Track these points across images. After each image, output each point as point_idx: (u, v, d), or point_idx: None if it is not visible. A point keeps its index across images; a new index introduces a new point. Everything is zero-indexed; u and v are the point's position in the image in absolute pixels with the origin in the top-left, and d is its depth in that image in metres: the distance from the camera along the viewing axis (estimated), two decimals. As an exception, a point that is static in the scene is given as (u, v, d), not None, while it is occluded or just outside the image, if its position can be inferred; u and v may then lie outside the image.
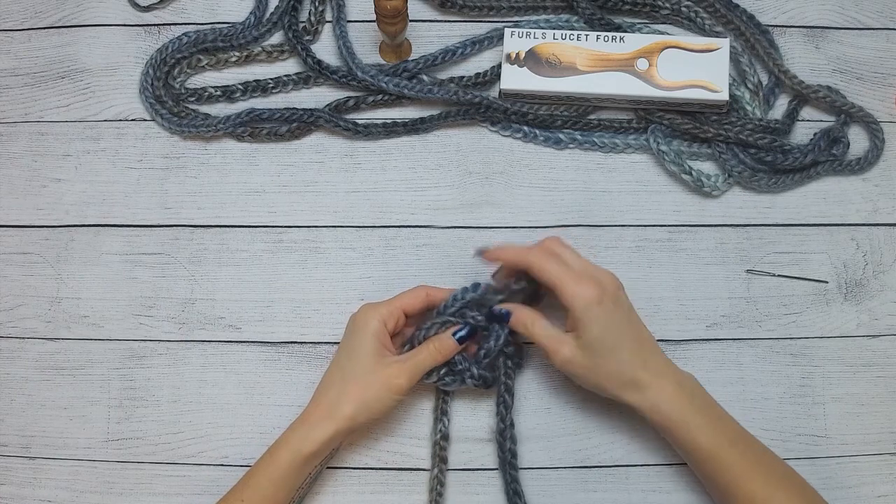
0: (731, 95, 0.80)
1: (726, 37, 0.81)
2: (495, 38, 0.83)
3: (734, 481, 0.63)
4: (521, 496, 0.70)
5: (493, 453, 0.72)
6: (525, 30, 0.81)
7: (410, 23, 0.79)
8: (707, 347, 0.76)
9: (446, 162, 0.81)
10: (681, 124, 0.79)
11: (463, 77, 0.82)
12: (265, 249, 0.78)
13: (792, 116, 0.80)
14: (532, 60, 0.80)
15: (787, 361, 0.75)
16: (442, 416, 0.72)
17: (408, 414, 0.74)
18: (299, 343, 0.76)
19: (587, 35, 0.80)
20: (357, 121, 0.81)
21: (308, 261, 0.78)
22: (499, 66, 0.81)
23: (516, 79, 0.80)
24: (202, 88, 0.82)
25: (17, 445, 0.74)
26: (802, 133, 0.81)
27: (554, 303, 0.68)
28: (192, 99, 0.82)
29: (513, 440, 0.71)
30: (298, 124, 0.80)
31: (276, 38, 0.84)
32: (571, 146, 0.81)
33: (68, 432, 0.74)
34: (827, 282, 0.77)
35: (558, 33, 0.80)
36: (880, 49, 0.83)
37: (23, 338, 0.77)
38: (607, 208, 0.79)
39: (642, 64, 0.79)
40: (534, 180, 0.80)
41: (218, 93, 0.82)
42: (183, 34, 0.83)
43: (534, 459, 0.73)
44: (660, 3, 0.83)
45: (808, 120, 0.81)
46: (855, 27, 0.84)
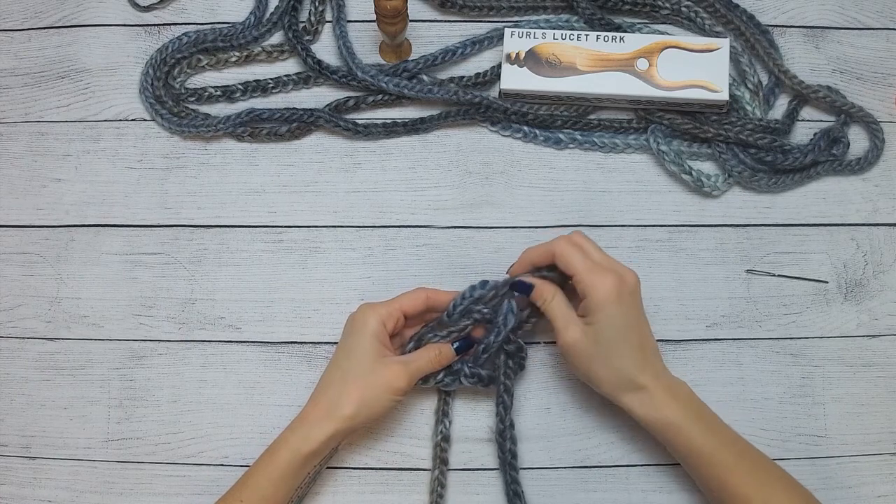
0: (731, 95, 0.80)
1: (726, 37, 0.81)
2: (495, 38, 0.83)
3: (731, 484, 0.63)
4: (522, 496, 0.70)
5: (493, 453, 0.72)
6: (525, 30, 0.81)
7: (410, 23, 0.79)
8: (707, 347, 0.76)
9: (446, 162, 0.81)
10: (681, 124, 0.79)
11: (463, 77, 0.82)
12: (265, 249, 0.78)
13: (792, 116, 0.80)
14: (532, 60, 0.80)
15: (787, 361, 0.75)
16: (443, 418, 0.72)
17: (408, 414, 0.74)
18: (299, 343, 0.76)
19: (587, 35, 0.80)
20: (357, 121, 0.81)
21: (308, 261, 0.78)
22: (499, 66, 0.81)
23: (516, 79, 0.80)
24: (202, 88, 0.82)
25: (17, 445, 0.74)
26: (802, 133, 0.81)
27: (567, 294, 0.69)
28: (192, 99, 0.82)
29: (513, 440, 0.71)
30: (298, 124, 0.80)
31: (276, 38, 0.84)
32: (571, 146, 0.81)
33: (68, 432, 0.74)
34: (827, 282, 0.77)
35: (558, 33, 0.80)
36: (880, 49, 0.83)
37: (23, 338, 0.77)
38: (607, 208, 0.79)
39: (642, 64, 0.79)
40: (534, 180, 0.80)
41: (218, 93, 0.82)
42: (183, 34, 0.83)
43: (534, 459, 0.73)
44: (660, 3, 0.83)
45: (808, 120, 0.81)
46: (855, 27, 0.84)
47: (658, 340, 0.69)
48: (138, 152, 0.81)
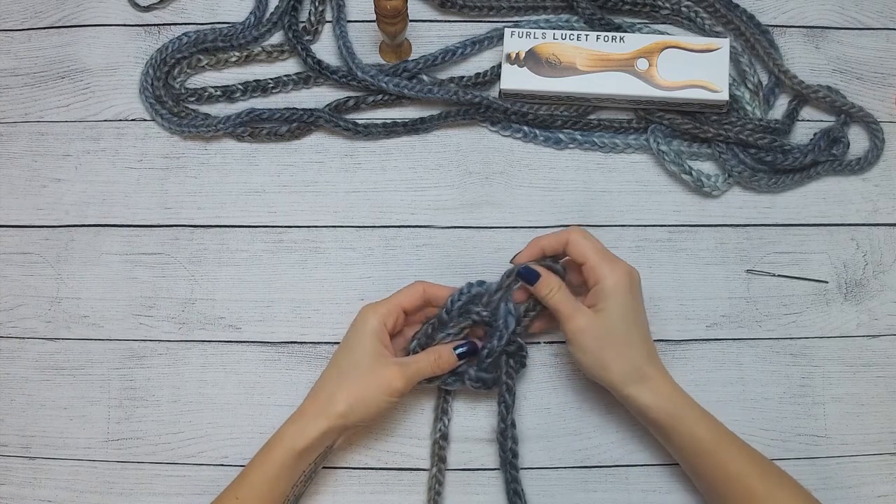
0: (731, 95, 0.80)
1: (726, 37, 0.81)
2: (495, 38, 0.83)
3: (734, 474, 0.64)
4: (522, 496, 0.70)
5: (494, 453, 0.72)
6: (525, 30, 0.81)
7: (410, 23, 0.79)
8: (707, 347, 0.76)
9: (446, 162, 0.81)
10: (681, 124, 0.79)
11: (463, 77, 0.82)
12: (265, 249, 0.78)
13: (792, 116, 0.80)
14: (532, 60, 0.80)
15: (787, 361, 0.75)
16: (442, 416, 0.72)
17: (408, 414, 0.74)
18: (299, 343, 0.76)
19: (587, 35, 0.80)
20: (357, 121, 0.81)
21: (308, 261, 0.78)
22: (499, 66, 0.81)
23: (516, 79, 0.80)
24: (202, 88, 0.82)
25: (17, 445, 0.74)
26: (802, 133, 0.81)
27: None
28: (192, 99, 0.82)
29: (514, 440, 0.71)
30: (298, 124, 0.80)
31: (276, 38, 0.84)
32: (571, 146, 0.81)
33: (68, 432, 0.74)
34: (827, 282, 0.77)
35: (558, 33, 0.80)
36: (880, 49, 0.83)
37: (23, 338, 0.77)
38: (607, 208, 0.79)
39: (642, 64, 0.79)
40: (534, 180, 0.80)
41: (218, 93, 0.82)
42: (183, 34, 0.83)
43: (534, 459, 0.73)
44: (660, 3, 0.83)
45: (808, 120, 0.81)
46: (855, 27, 0.84)
47: (658, 340, 0.69)
48: (138, 152, 0.81)
